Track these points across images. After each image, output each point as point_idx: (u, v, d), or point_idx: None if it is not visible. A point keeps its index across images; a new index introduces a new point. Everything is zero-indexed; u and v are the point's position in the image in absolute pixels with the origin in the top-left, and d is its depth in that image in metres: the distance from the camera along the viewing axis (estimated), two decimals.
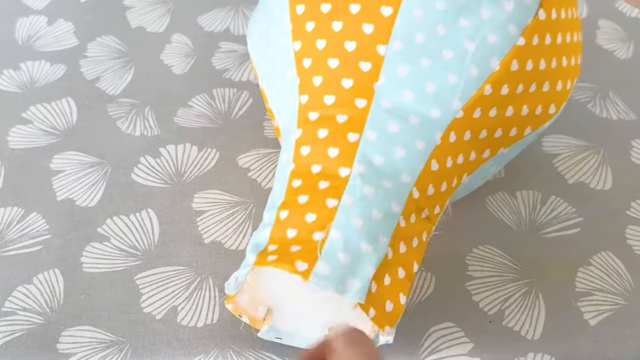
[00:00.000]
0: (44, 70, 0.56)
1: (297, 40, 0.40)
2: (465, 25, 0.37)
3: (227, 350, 0.40)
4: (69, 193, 0.48)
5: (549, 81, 0.40)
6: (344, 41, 0.38)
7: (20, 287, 0.43)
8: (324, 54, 0.39)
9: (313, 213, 0.35)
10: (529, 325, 0.41)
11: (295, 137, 0.39)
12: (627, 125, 0.52)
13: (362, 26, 0.38)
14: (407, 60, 0.38)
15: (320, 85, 0.39)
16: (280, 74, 0.41)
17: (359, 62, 0.38)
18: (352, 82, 0.38)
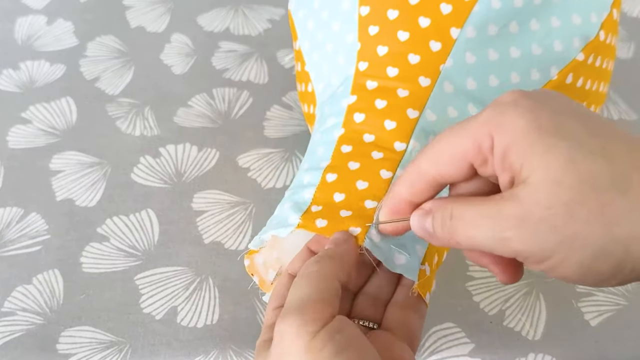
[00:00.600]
0: (43, 70, 0.56)
1: (365, 6, 0.39)
2: (536, 29, 0.38)
3: (227, 350, 0.40)
4: (68, 193, 0.48)
5: (586, 102, 0.41)
6: (418, 16, 0.38)
7: (20, 287, 0.43)
8: (394, 25, 0.38)
9: (364, 181, 0.34)
10: (529, 326, 0.41)
11: (347, 103, 0.38)
12: (628, 126, 0.52)
13: (440, 5, 0.37)
14: (476, 49, 0.37)
15: (384, 55, 0.38)
16: (335, 36, 0.40)
17: (430, 40, 0.38)
18: (419, 59, 0.38)
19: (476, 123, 0.25)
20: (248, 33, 0.59)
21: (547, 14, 0.38)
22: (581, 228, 0.23)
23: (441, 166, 0.26)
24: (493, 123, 0.24)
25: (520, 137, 0.24)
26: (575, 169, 0.23)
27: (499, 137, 0.24)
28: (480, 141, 0.25)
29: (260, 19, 0.60)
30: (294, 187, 0.37)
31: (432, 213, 0.27)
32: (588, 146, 0.23)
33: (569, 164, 0.23)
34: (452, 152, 0.26)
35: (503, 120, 0.24)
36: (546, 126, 0.24)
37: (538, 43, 0.38)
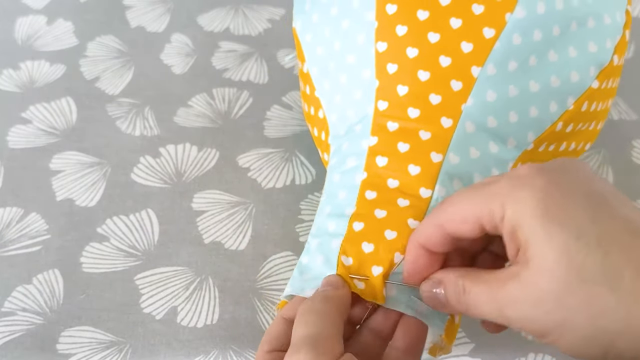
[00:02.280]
0: (43, 70, 0.56)
1: (383, 42, 0.38)
2: (554, 60, 0.37)
3: (227, 350, 0.40)
4: (68, 193, 0.48)
5: (595, 121, 0.41)
6: (439, 55, 0.37)
7: (20, 287, 0.43)
8: (415, 64, 0.37)
9: (393, 230, 0.34)
10: None
11: (368, 144, 0.37)
12: (628, 126, 0.52)
13: (460, 44, 0.37)
14: (497, 86, 0.37)
15: (405, 95, 0.37)
16: (349, 69, 0.39)
17: (451, 80, 0.37)
18: (440, 99, 0.37)
19: (492, 191, 0.27)
20: (248, 33, 0.59)
21: (564, 44, 0.38)
22: (569, 315, 0.25)
23: (456, 224, 0.29)
24: (507, 196, 0.26)
25: (528, 218, 0.26)
26: (568, 260, 0.24)
27: (510, 212, 0.26)
28: (493, 210, 0.27)
29: (260, 19, 0.60)
30: (319, 235, 0.36)
31: (443, 285, 0.29)
32: (585, 237, 0.25)
33: (563, 256, 0.25)
34: (467, 214, 0.28)
35: (516, 197, 0.26)
36: (552, 210, 0.25)
37: (556, 75, 0.38)
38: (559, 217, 0.25)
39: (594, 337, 0.25)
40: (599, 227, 0.25)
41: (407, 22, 0.37)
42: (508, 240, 0.27)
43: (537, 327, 0.26)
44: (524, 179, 0.27)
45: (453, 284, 0.29)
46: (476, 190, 0.28)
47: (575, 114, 0.39)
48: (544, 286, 0.25)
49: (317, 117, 0.43)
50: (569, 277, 0.24)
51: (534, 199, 0.26)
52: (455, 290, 0.28)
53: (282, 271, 0.44)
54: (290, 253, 0.44)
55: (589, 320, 0.24)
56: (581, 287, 0.24)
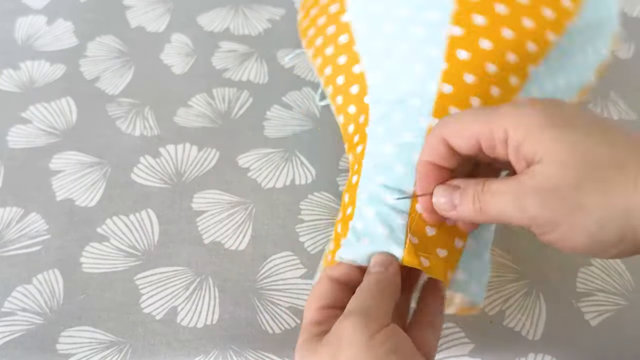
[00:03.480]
0: (43, 70, 0.56)
1: (459, 27, 0.38)
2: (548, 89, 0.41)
3: (227, 350, 0.40)
4: (68, 193, 0.48)
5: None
6: (508, 51, 0.39)
7: (20, 287, 0.43)
8: (485, 56, 0.38)
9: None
10: (529, 326, 0.41)
11: (428, 123, 0.38)
12: (628, 126, 0.52)
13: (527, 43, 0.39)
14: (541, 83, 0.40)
15: (470, 84, 0.38)
16: (414, 41, 0.39)
17: (511, 75, 0.39)
18: (499, 92, 0.39)
19: (495, 114, 0.30)
20: (248, 33, 0.59)
21: (556, 74, 0.41)
22: (586, 198, 0.27)
23: (457, 138, 0.31)
24: (510, 119, 0.29)
25: (534, 130, 0.28)
26: (580, 152, 0.27)
27: (514, 132, 0.29)
28: (494, 130, 0.29)
29: (260, 19, 0.60)
30: (375, 204, 0.36)
31: (460, 188, 0.32)
32: (592, 135, 0.28)
33: (574, 148, 0.27)
34: (469, 131, 0.31)
35: (520, 117, 0.29)
36: (558, 121, 0.28)
37: (576, 74, 0.41)
38: (565, 124, 0.28)
39: (608, 218, 0.27)
40: (601, 127, 0.28)
41: (485, 13, 0.38)
42: (515, 158, 0.29)
43: (551, 216, 0.28)
44: (524, 105, 0.29)
45: (474, 184, 0.31)
46: (479, 111, 0.31)
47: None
48: (561, 175, 0.27)
49: (348, 69, 0.42)
50: (583, 164, 0.27)
51: (538, 115, 0.28)
52: (475, 189, 0.31)
53: (282, 271, 0.44)
54: (290, 253, 0.44)
55: (604, 198, 0.27)
56: (596, 173, 0.27)
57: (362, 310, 0.30)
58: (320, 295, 0.33)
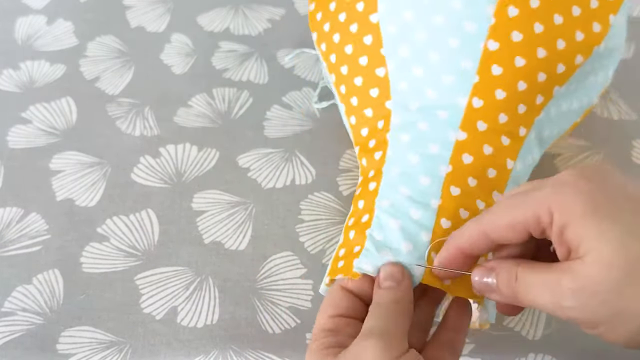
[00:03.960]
0: (43, 70, 0.56)
1: (496, 42, 0.38)
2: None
3: (227, 350, 0.40)
4: (68, 193, 0.48)
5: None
6: (539, 71, 0.39)
7: (20, 287, 0.43)
8: (518, 73, 0.38)
9: None
10: (529, 326, 0.41)
11: (456, 137, 0.38)
12: (628, 126, 0.52)
13: (558, 64, 0.39)
14: (559, 103, 0.41)
15: (501, 100, 0.38)
16: (446, 51, 0.38)
17: (538, 94, 0.39)
18: (525, 110, 0.39)
19: (538, 198, 0.29)
20: (248, 33, 0.59)
21: (572, 96, 0.41)
22: (628, 304, 0.26)
23: (502, 231, 0.30)
24: (554, 202, 0.28)
25: (578, 218, 0.27)
26: (626, 252, 0.26)
27: (558, 216, 0.28)
28: (540, 215, 0.28)
29: (260, 19, 0.60)
30: (399, 216, 0.36)
31: (495, 271, 0.31)
32: (637, 232, 0.26)
33: (620, 248, 0.26)
34: (514, 221, 0.29)
35: (563, 201, 0.28)
36: (601, 210, 0.27)
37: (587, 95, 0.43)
38: (609, 215, 0.27)
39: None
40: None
41: (523, 31, 0.38)
42: (557, 243, 0.28)
43: (591, 317, 0.27)
44: (568, 185, 0.28)
45: (507, 271, 0.30)
46: (520, 198, 0.30)
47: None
48: (602, 277, 0.26)
49: (370, 71, 0.41)
50: (627, 267, 0.26)
51: (582, 200, 0.27)
52: (508, 277, 0.30)
53: (282, 271, 0.44)
54: (290, 253, 0.44)
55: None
56: (637, 273, 0.26)
57: (382, 333, 0.30)
58: (334, 304, 0.33)
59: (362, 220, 0.37)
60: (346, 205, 0.47)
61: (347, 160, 0.49)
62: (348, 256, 0.36)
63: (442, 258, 0.33)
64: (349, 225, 0.39)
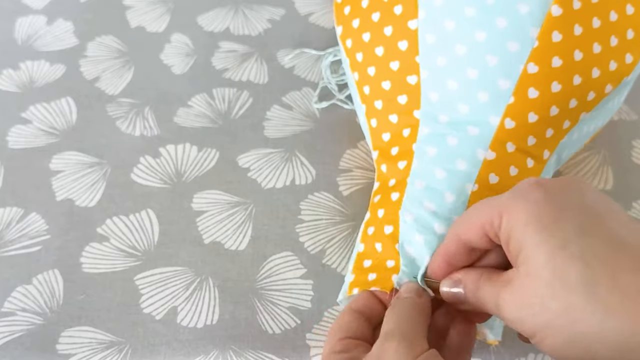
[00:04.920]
0: (43, 70, 0.56)
1: (536, 65, 0.37)
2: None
3: (227, 350, 0.40)
4: (68, 193, 0.48)
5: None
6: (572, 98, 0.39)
7: (20, 287, 0.43)
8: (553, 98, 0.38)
9: None
10: None
11: (484, 156, 0.38)
12: (628, 126, 0.52)
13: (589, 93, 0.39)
14: (581, 128, 0.42)
15: (533, 124, 0.38)
16: (484, 68, 0.38)
17: (566, 120, 0.39)
18: (552, 133, 0.39)
19: (494, 203, 0.29)
20: (248, 33, 0.59)
21: (592, 121, 0.42)
22: (552, 319, 0.26)
23: (465, 231, 0.31)
24: (505, 207, 0.28)
25: (522, 226, 0.27)
26: (554, 267, 0.26)
27: (506, 222, 0.28)
28: (493, 217, 0.29)
29: (260, 19, 0.60)
30: (425, 232, 0.36)
31: (462, 283, 0.32)
32: (570, 248, 0.26)
33: (549, 263, 0.26)
34: (473, 220, 0.30)
35: (512, 208, 0.28)
36: (543, 221, 0.27)
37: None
38: (548, 227, 0.27)
39: (573, 342, 0.27)
40: (584, 239, 0.27)
41: (564, 57, 0.37)
42: (505, 248, 0.29)
43: (525, 329, 0.28)
44: (522, 192, 0.29)
45: (471, 282, 0.31)
46: (483, 202, 0.30)
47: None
48: (531, 291, 0.27)
49: (401, 77, 0.40)
50: (553, 283, 0.26)
51: (528, 210, 0.28)
52: (473, 288, 0.31)
53: (282, 271, 0.44)
54: (290, 253, 0.44)
55: (568, 325, 0.26)
56: (562, 294, 0.26)
57: (402, 333, 0.30)
58: (343, 327, 0.34)
59: (385, 231, 0.37)
60: (346, 205, 0.47)
61: (347, 160, 0.49)
62: (380, 270, 0.36)
63: (430, 269, 0.34)
64: (368, 234, 0.38)
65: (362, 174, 0.48)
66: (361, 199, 0.46)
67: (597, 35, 0.38)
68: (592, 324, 0.26)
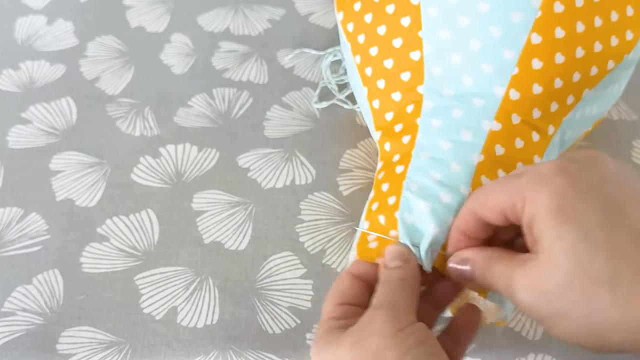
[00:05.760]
0: (43, 70, 0.56)
1: (539, 35, 0.37)
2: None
3: (227, 350, 0.40)
4: (68, 193, 0.48)
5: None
6: (575, 71, 0.38)
7: (20, 287, 0.43)
8: (557, 70, 0.38)
9: None
10: (529, 326, 0.41)
11: (490, 127, 0.38)
12: (628, 126, 0.52)
13: (592, 67, 0.39)
14: (584, 105, 0.41)
15: (538, 95, 0.38)
16: (487, 40, 0.38)
17: (570, 95, 0.39)
18: (557, 108, 0.39)
19: (516, 185, 0.29)
20: (248, 33, 0.59)
21: (595, 102, 0.42)
22: (568, 307, 0.27)
23: (485, 211, 0.31)
24: (528, 192, 0.28)
25: (543, 214, 0.27)
26: (575, 257, 0.26)
27: (528, 207, 0.28)
28: (515, 202, 0.29)
29: (260, 19, 0.60)
30: (430, 200, 0.36)
31: (470, 262, 0.32)
32: (593, 238, 0.26)
33: (570, 252, 0.26)
34: (494, 202, 0.30)
35: (535, 193, 0.28)
36: (565, 210, 0.27)
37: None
38: (571, 217, 0.27)
39: (589, 329, 0.27)
40: (607, 231, 0.27)
41: (566, 28, 0.37)
42: (526, 232, 0.29)
43: (537, 314, 0.28)
44: (545, 177, 0.28)
45: (482, 260, 0.31)
46: (503, 183, 0.30)
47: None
48: (549, 278, 0.27)
49: (404, 53, 0.40)
50: (573, 272, 0.26)
51: (551, 197, 0.27)
52: (483, 266, 0.31)
53: (282, 271, 0.44)
54: (290, 253, 0.44)
55: (585, 314, 0.26)
56: (583, 283, 0.26)
57: (390, 305, 0.30)
58: (342, 292, 0.33)
59: (388, 202, 0.37)
60: (346, 205, 0.47)
61: (347, 160, 0.49)
62: (383, 240, 0.36)
63: (450, 244, 0.34)
64: (372, 210, 0.38)
65: (362, 174, 0.48)
66: (361, 199, 0.46)
67: (597, 8, 0.38)
68: (611, 315, 0.26)
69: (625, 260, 0.26)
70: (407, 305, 0.31)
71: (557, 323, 0.28)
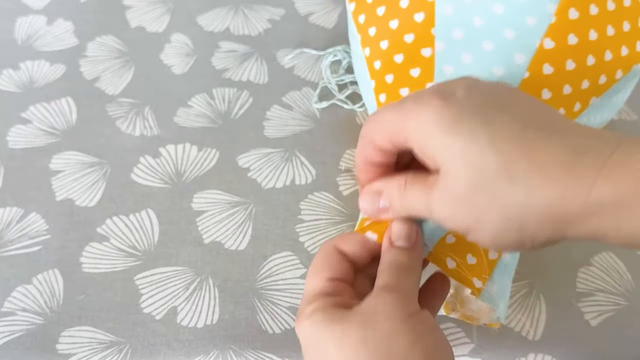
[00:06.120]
0: (43, 70, 0.56)
1: (552, 41, 0.37)
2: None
3: (227, 350, 0.40)
4: (68, 193, 0.48)
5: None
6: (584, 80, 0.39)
7: (20, 287, 0.43)
8: (567, 77, 0.38)
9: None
10: (529, 326, 0.41)
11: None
12: (628, 126, 0.52)
13: (600, 77, 0.39)
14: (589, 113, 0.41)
15: (546, 100, 0.38)
16: (501, 41, 0.38)
17: (576, 102, 0.39)
18: (564, 113, 0.39)
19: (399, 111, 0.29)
20: (248, 33, 0.59)
21: (600, 110, 0.42)
22: (481, 211, 0.27)
23: (377, 135, 0.31)
24: (410, 117, 0.29)
25: (430, 133, 0.28)
26: (469, 162, 0.27)
27: (413, 131, 0.29)
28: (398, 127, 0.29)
29: (260, 19, 0.60)
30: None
31: (384, 192, 0.32)
32: (479, 139, 0.27)
33: (463, 160, 0.27)
34: (384, 128, 0.30)
35: (417, 116, 0.28)
36: (449, 123, 0.27)
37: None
38: (455, 127, 0.27)
39: (506, 227, 0.27)
40: (490, 127, 0.27)
41: (580, 35, 0.38)
42: (420, 156, 0.29)
43: (459, 226, 0.29)
44: (423, 100, 0.29)
45: (396, 188, 0.31)
46: (391, 107, 0.30)
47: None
48: (454, 189, 0.28)
49: (415, 49, 0.40)
50: (472, 177, 0.27)
51: (432, 116, 0.28)
52: (398, 194, 0.31)
53: (282, 271, 0.44)
54: (290, 253, 0.44)
55: (497, 212, 0.27)
56: (484, 183, 0.27)
57: (399, 289, 0.30)
58: (332, 267, 0.32)
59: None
60: (346, 205, 0.47)
61: (347, 160, 0.49)
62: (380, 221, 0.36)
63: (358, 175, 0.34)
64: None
65: None
66: None
67: (610, 17, 0.38)
68: (518, 202, 0.26)
69: (514, 152, 0.26)
70: (414, 291, 0.31)
71: (478, 230, 0.28)
